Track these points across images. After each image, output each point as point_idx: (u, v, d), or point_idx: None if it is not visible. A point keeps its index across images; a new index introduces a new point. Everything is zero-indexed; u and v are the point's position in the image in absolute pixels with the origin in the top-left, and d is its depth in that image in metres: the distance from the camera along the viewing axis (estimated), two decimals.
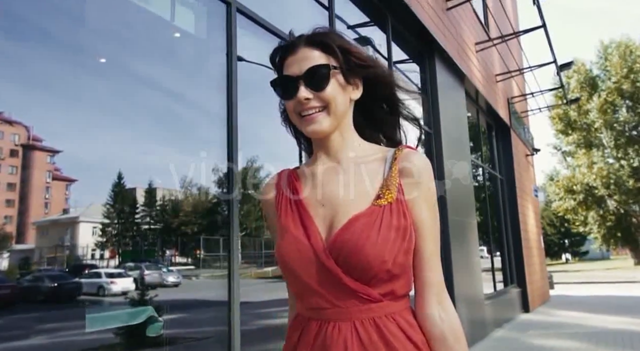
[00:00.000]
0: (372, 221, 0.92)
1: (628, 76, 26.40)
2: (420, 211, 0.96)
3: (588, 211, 29.99)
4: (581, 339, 6.37)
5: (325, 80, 0.97)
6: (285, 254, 0.96)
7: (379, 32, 5.36)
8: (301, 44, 1.00)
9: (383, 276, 0.91)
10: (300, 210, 1.00)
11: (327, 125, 0.99)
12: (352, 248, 0.90)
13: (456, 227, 6.09)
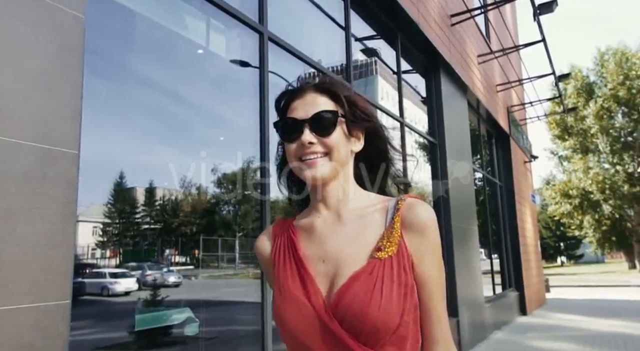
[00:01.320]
0: (373, 278, 0.88)
1: (624, 83, 26.78)
2: (426, 266, 0.92)
3: (584, 215, 30.36)
4: (577, 341, 6.66)
5: (332, 126, 0.96)
6: (286, 315, 0.91)
7: (389, 49, 5.65)
8: (309, 90, 0.99)
9: (390, 338, 0.86)
10: (299, 267, 0.95)
11: (327, 171, 0.96)
12: (357, 311, 0.86)
13: (458, 233, 6.37)
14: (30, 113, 1.66)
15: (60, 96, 1.77)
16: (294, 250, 0.98)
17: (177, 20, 3.07)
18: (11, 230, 1.56)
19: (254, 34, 3.21)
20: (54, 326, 1.65)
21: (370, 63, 5.43)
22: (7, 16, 1.62)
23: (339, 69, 4.48)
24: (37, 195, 1.64)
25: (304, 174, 0.95)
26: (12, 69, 1.62)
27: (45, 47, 1.74)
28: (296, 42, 3.53)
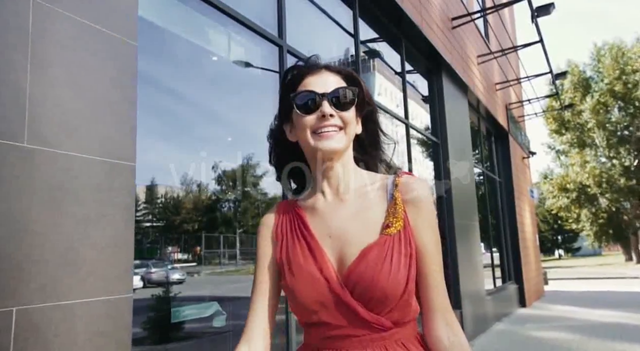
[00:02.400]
0: (384, 252, 0.93)
1: (620, 78, 27.07)
2: (425, 237, 0.97)
3: (581, 209, 30.73)
4: (575, 331, 6.94)
5: (351, 102, 0.99)
6: (298, 290, 0.95)
7: (394, 53, 5.89)
8: (323, 69, 1.02)
9: (396, 305, 0.92)
10: (309, 242, 0.99)
11: (343, 144, 0.99)
12: (368, 281, 0.90)
13: (460, 228, 6.63)
14: (98, 132, 1.90)
15: (120, 115, 2.01)
16: (304, 226, 1.01)
17: (202, 35, 3.29)
18: (87, 235, 1.81)
19: (275, 47, 3.45)
20: (121, 317, 1.90)
21: (368, 60, 5.43)
22: (79, 48, 1.86)
23: None
24: (106, 203, 1.89)
25: (320, 145, 0.97)
26: (84, 94, 1.86)
27: (108, 72, 1.97)
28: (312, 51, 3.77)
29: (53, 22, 1.78)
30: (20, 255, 1.59)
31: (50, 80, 1.74)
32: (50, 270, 1.67)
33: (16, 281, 1.57)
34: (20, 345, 1.55)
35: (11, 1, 1.66)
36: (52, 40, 1.77)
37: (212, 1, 2.97)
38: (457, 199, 6.61)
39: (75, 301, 1.74)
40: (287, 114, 1.03)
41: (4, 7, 1.63)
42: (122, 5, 2.08)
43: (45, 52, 1.74)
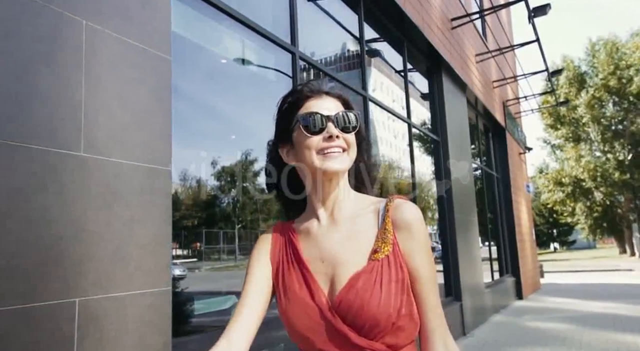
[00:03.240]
0: (373, 278, 0.93)
1: (614, 73, 27.33)
2: (417, 261, 0.98)
3: (576, 202, 31.10)
4: (570, 322, 7.20)
5: (355, 124, 1.02)
6: (293, 317, 0.97)
7: (397, 54, 6.08)
8: (323, 94, 1.04)
9: (389, 330, 0.93)
10: (302, 268, 1.01)
11: (346, 166, 1.01)
12: (358, 309, 0.92)
13: (460, 224, 6.85)
14: (140, 140, 2.09)
15: (158, 124, 2.19)
16: (296, 252, 1.03)
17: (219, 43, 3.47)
18: (134, 234, 2.00)
19: (287, 54, 3.64)
20: (162, 307, 2.10)
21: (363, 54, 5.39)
22: (124, 64, 2.05)
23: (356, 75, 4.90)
24: (148, 205, 2.08)
25: (326, 165, 0.99)
26: (129, 105, 2.05)
27: (148, 85, 2.16)
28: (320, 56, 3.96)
29: (102, 42, 1.96)
30: (79, 252, 1.78)
31: (101, 95, 1.93)
32: (104, 265, 1.87)
33: (77, 275, 1.76)
34: (83, 332, 1.75)
35: (67, 25, 1.84)
36: (102, 58, 1.95)
37: (229, 11, 3.14)
38: (457, 195, 6.83)
39: (125, 294, 1.93)
40: (285, 136, 1.05)
41: (61, 31, 1.82)
42: (158, 23, 2.26)
43: (96, 69, 1.93)
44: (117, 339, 1.87)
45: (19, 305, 1.57)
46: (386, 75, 5.95)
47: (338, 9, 4.79)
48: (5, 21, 1.64)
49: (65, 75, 1.81)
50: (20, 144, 1.64)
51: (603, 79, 27.68)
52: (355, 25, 4.96)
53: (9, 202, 1.58)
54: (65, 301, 1.71)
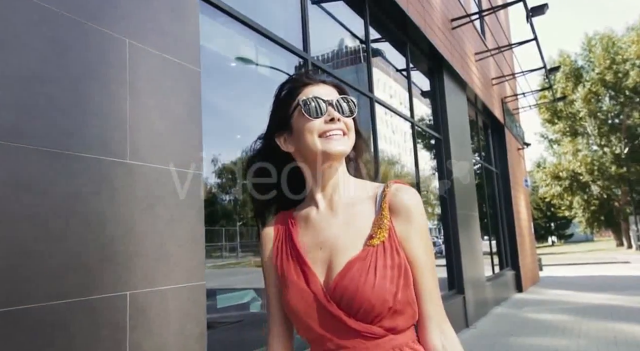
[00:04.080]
0: (367, 263, 0.94)
1: (611, 67, 27.60)
2: (413, 246, 0.98)
3: (573, 196, 31.45)
4: (569, 313, 7.42)
5: (354, 109, 1.04)
6: (291, 303, 0.99)
7: (400, 56, 6.26)
8: (320, 82, 1.06)
9: (386, 314, 0.93)
10: (297, 257, 1.02)
11: (347, 148, 1.03)
12: (352, 294, 0.92)
13: (462, 219, 7.05)
14: (176, 147, 2.27)
15: (190, 131, 2.38)
16: (292, 240, 1.04)
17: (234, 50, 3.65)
18: (173, 233, 2.19)
19: (300, 60, 3.83)
20: (199, 299, 2.29)
21: (359, 50, 5.34)
22: (161, 77, 2.23)
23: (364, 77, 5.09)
24: (184, 206, 2.27)
25: (328, 146, 0.99)
26: (166, 115, 2.24)
27: (181, 96, 2.35)
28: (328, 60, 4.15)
29: (143, 58, 2.15)
30: (129, 251, 1.97)
31: (142, 107, 2.11)
32: (149, 262, 2.06)
33: (127, 271, 1.95)
34: (133, 322, 1.94)
35: (113, 44, 2.02)
36: (142, 73, 2.14)
37: (245, 20, 3.32)
38: (459, 191, 7.03)
39: (167, 287, 2.12)
40: (283, 124, 1.05)
41: (107, 49, 2.00)
42: (189, 38, 2.44)
43: (138, 83, 2.11)
44: (161, 328, 2.07)
45: (81, 298, 1.76)
46: (385, 72, 6.07)
47: (345, 14, 4.98)
48: (61, 42, 1.82)
49: (113, 90, 1.99)
50: (78, 154, 1.82)
51: (599, 73, 27.94)
52: (362, 29, 5.14)
53: (71, 206, 1.77)
54: (118, 294, 1.90)
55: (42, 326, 1.62)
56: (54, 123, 1.75)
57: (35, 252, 1.63)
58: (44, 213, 1.67)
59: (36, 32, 1.74)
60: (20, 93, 1.66)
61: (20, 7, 1.70)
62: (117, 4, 2.07)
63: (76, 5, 1.89)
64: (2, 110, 1.59)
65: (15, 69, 1.66)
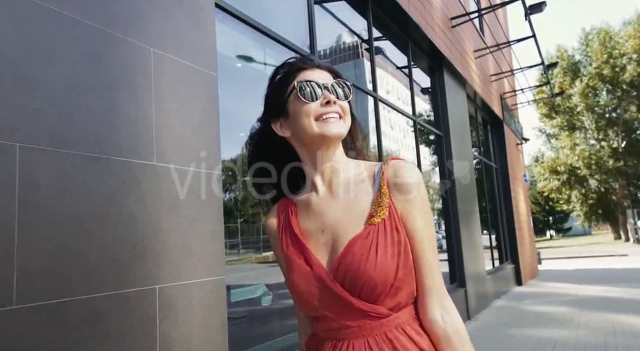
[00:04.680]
0: (369, 242, 0.95)
1: (608, 61, 27.75)
2: (413, 221, 0.98)
3: (571, 190, 31.66)
4: (568, 305, 7.59)
5: (349, 92, 1.05)
6: (295, 285, 1.00)
7: (402, 55, 6.38)
8: (315, 66, 1.06)
9: (389, 292, 0.94)
10: (299, 241, 1.03)
11: (343, 130, 1.03)
12: (355, 272, 0.93)
13: (463, 214, 7.20)
14: (196, 149, 2.40)
15: (209, 134, 2.50)
16: (293, 226, 1.06)
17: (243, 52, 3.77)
18: (196, 231, 2.32)
19: None
20: (220, 293, 2.42)
21: (357, 46, 5.36)
22: (182, 83, 2.35)
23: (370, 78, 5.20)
24: (205, 206, 2.40)
25: (325, 129, 0.99)
26: (187, 119, 2.36)
27: (200, 100, 2.47)
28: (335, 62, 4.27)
29: (165, 66, 2.27)
30: (157, 247, 2.10)
31: (166, 111, 2.24)
32: (175, 258, 2.18)
33: (156, 266, 2.08)
34: (162, 314, 2.07)
35: (139, 53, 2.14)
36: (165, 80, 2.26)
37: (252, 23, 3.43)
38: (459, 187, 7.17)
39: (191, 281, 2.26)
40: (278, 108, 1.05)
41: (134, 58, 2.12)
42: (206, 44, 2.56)
43: (162, 89, 2.23)
44: (187, 320, 2.20)
45: (115, 291, 1.89)
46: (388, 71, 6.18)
47: (349, 15, 5.09)
48: (94, 53, 1.94)
49: (139, 96, 2.12)
50: (110, 157, 1.94)
51: (597, 68, 28.10)
52: (365, 29, 5.26)
53: (105, 206, 1.90)
54: (148, 288, 2.03)
55: (82, 317, 1.75)
56: (89, 129, 1.87)
57: (76, 249, 1.76)
58: (82, 214, 1.80)
59: (76, 45, 1.86)
60: (61, 103, 1.78)
61: (64, 23, 1.82)
62: (142, 15, 2.19)
63: (107, 17, 2.01)
64: (47, 118, 1.72)
65: (58, 80, 1.78)
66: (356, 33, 5.21)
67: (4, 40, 1.62)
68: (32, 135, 1.66)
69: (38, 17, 1.75)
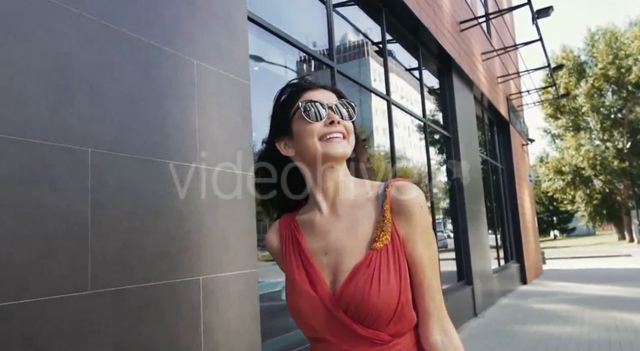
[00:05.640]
0: (372, 269, 0.94)
1: (613, 62, 27.81)
2: (415, 245, 0.98)
3: (576, 190, 31.74)
4: (573, 303, 7.76)
5: (354, 113, 1.05)
6: (296, 307, 0.99)
7: (412, 59, 6.58)
8: (319, 87, 1.07)
9: (392, 318, 0.94)
10: (304, 261, 1.02)
11: (347, 151, 1.03)
12: (359, 301, 0.93)
13: (471, 214, 7.38)
14: (232, 152, 2.61)
15: (243, 137, 2.71)
16: (298, 245, 1.05)
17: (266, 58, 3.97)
18: (233, 227, 2.53)
19: (327, 68, 4.15)
20: (252, 284, 2.63)
21: (361, 44, 5.38)
22: (220, 92, 2.56)
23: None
24: (240, 203, 2.61)
25: (328, 149, 1.00)
26: (224, 125, 2.57)
27: (235, 107, 2.68)
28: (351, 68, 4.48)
29: (206, 76, 2.48)
30: (201, 242, 2.31)
31: (207, 118, 2.45)
32: (215, 252, 2.40)
33: (199, 259, 2.29)
34: (205, 302, 2.28)
35: (185, 66, 2.35)
36: (206, 89, 2.47)
37: (277, 32, 3.63)
38: (467, 188, 7.35)
39: (229, 273, 2.47)
40: (283, 128, 1.06)
41: (182, 70, 2.33)
42: (240, 55, 2.77)
43: (204, 98, 2.44)
44: (226, 308, 2.41)
45: (166, 281, 2.10)
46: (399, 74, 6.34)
47: (363, 22, 5.30)
48: (147, 66, 2.15)
49: (185, 105, 2.33)
50: (161, 160, 2.16)
51: (602, 69, 28.15)
52: (379, 36, 5.46)
53: (158, 204, 2.11)
54: (194, 278, 2.25)
55: (140, 302, 1.96)
56: (143, 135, 2.08)
57: (135, 243, 1.97)
58: (139, 211, 2.01)
59: (133, 60, 2.07)
60: (120, 112, 1.99)
61: (122, 41, 2.03)
62: (186, 30, 2.40)
63: (158, 34, 2.22)
64: (110, 126, 1.93)
65: (118, 92, 1.99)
66: (371, 39, 5.41)
67: (75, 57, 1.84)
68: (100, 141, 1.88)
69: (102, 36, 1.96)
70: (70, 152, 1.76)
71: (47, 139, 1.69)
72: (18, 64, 1.64)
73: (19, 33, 1.66)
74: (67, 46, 1.81)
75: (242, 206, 2.63)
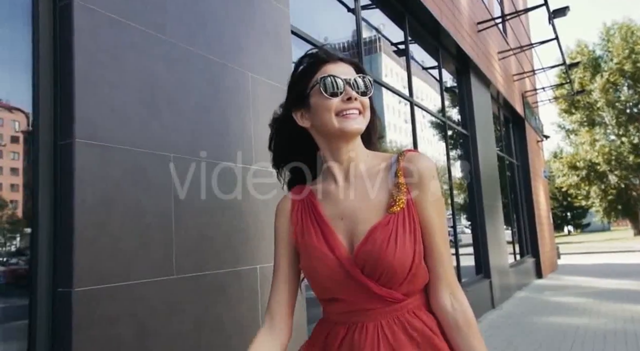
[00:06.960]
0: (390, 230, 0.98)
1: (629, 57, 27.60)
2: (426, 210, 1.02)
3: (590, 186, 31.60)
4: (588, 296, 7.95)
5: (371, 88, 1.06)
6: (314, 270, 1.02)
7: (432, 60, 6.82)
8: (338, 60, 1.08)
9: (405, 278, 0.98)
10: (321, 225, 1.05)
11: (363, 126, 1.06)
12: (376, 260, 0.96)
13: (488, 210, 7.59)
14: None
15: None
16: (316, 211, 1.08)
17: None
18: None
19: None
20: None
21: (375, 40, 5.39)
22: (269, 100, 2.85)
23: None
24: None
25: (345, 125, 1.02)
26: None
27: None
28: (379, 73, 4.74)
29: (259, 87, 2.77)
30: (256, 235, 2.60)
31: (260, 125, 2.74)
32: (267, 244, 2.68)
33: (256, 250, 2.59)
34: (262, 289, 2.58)
35: (241, 79, 2.64)
36: (259, 99, 2.76)
37: (314, 42, 3.90)
38: (485, 184, 7.57)
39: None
40: (300, 100, 1.08)
41: (239, 83, 2.62)
42: (284, 64, 3.05)
43: (257, 107, 2.73)
44: None
45: (232, 268, 2.41)
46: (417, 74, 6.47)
47: (387, 27, 5.55)
48: (212, 80, 2.45)
49: (243, 115, 2.62)
50: (225, 163, 2.45)
51: (618, 63, 27.96)
52: (402, 39, 5.71)
53: (225, 202, 2.41)
54: (253, 267, 2.54)
55: (212, 287, 2.27)
56: (209, 141, 2.38)
57: (208, 235, 2.28)
58: (211, 208, 2.31)
59: (202, 75, 2.37)
60: (193, 121, 2.29)
61: (194, 60, 2.33)
62: (241, 45, 2.69)
63: (222, 51, 2.52)
64: (186, 134, 2.23)
65: (191, 104, 2.29)
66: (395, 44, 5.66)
67: (160, 76, 2.14)
68: (179, 147, 2.18)
69: (180, 56, 2.25)
70: (157, 157, 2.06)
71: (141, 147, 2.00)
72: (119, 85, 1.94)
73: (120, 58, 1.96)
74: (154, 67, 2.11)
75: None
